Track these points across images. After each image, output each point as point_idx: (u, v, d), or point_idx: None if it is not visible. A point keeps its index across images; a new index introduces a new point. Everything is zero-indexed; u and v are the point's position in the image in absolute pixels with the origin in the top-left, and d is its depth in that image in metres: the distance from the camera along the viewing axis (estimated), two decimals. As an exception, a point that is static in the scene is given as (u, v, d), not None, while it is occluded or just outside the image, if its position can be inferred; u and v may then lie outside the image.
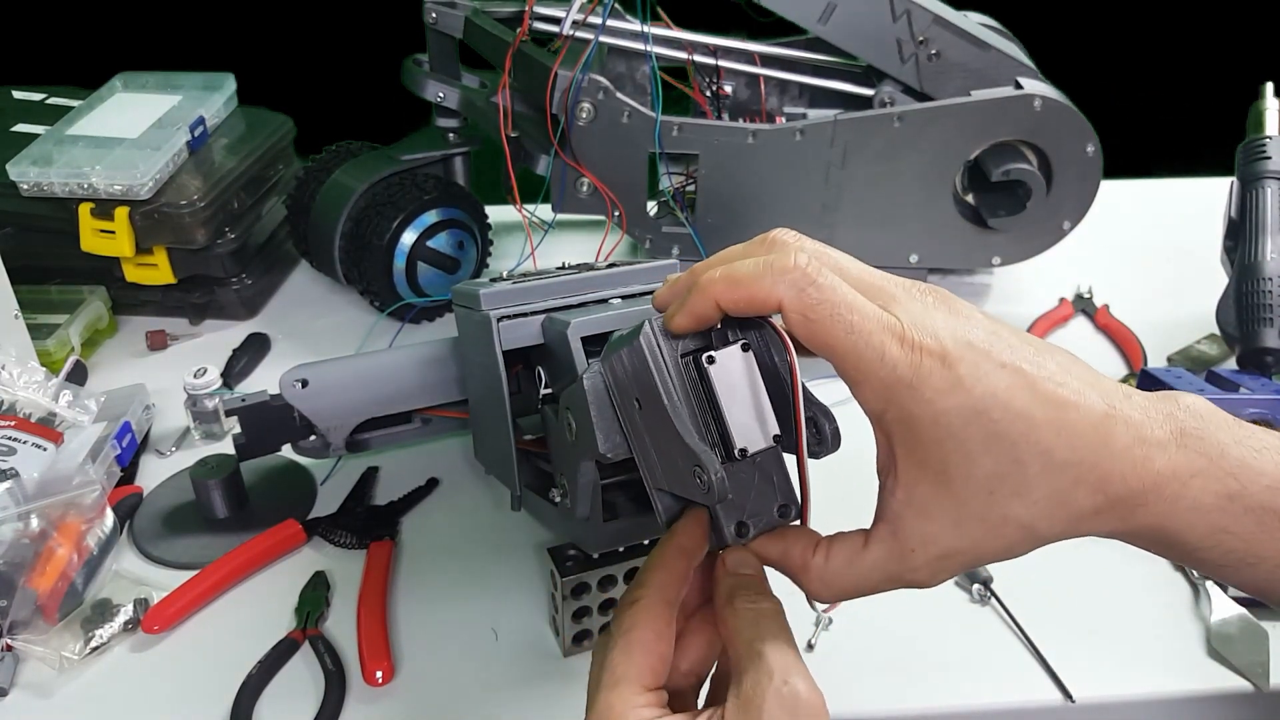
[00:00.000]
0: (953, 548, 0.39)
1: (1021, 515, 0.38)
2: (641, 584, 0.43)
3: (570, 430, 0.51)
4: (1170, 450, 0.37)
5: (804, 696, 0.37)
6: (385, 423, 0.77)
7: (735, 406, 0.43)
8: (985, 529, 0.38)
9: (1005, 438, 0.37)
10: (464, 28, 0.95)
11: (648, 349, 0.42)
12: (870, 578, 0.41)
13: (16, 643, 0.64)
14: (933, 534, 0.39)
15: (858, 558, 0.41)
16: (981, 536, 0.38)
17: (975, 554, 0.39)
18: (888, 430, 0.39)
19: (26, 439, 0.74)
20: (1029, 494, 0.37)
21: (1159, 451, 0.37)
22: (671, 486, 0.44)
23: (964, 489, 0.38)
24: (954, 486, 0.38)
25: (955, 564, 0.39)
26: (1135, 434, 0.37)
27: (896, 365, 0.37)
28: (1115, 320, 1.00)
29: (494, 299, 0.62)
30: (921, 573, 0.40)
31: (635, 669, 0.40)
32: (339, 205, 0.97)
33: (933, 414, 0.37)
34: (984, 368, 0.37)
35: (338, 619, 0.68)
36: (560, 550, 0.64)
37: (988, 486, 0.37)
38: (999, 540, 0.39)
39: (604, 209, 0.91)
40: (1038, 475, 0.37)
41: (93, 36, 1.86)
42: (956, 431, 0.37)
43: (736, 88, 1.02)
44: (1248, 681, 0.63)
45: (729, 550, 0.44)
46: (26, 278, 0.90)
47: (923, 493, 0.39)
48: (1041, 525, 0.38)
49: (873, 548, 0.41)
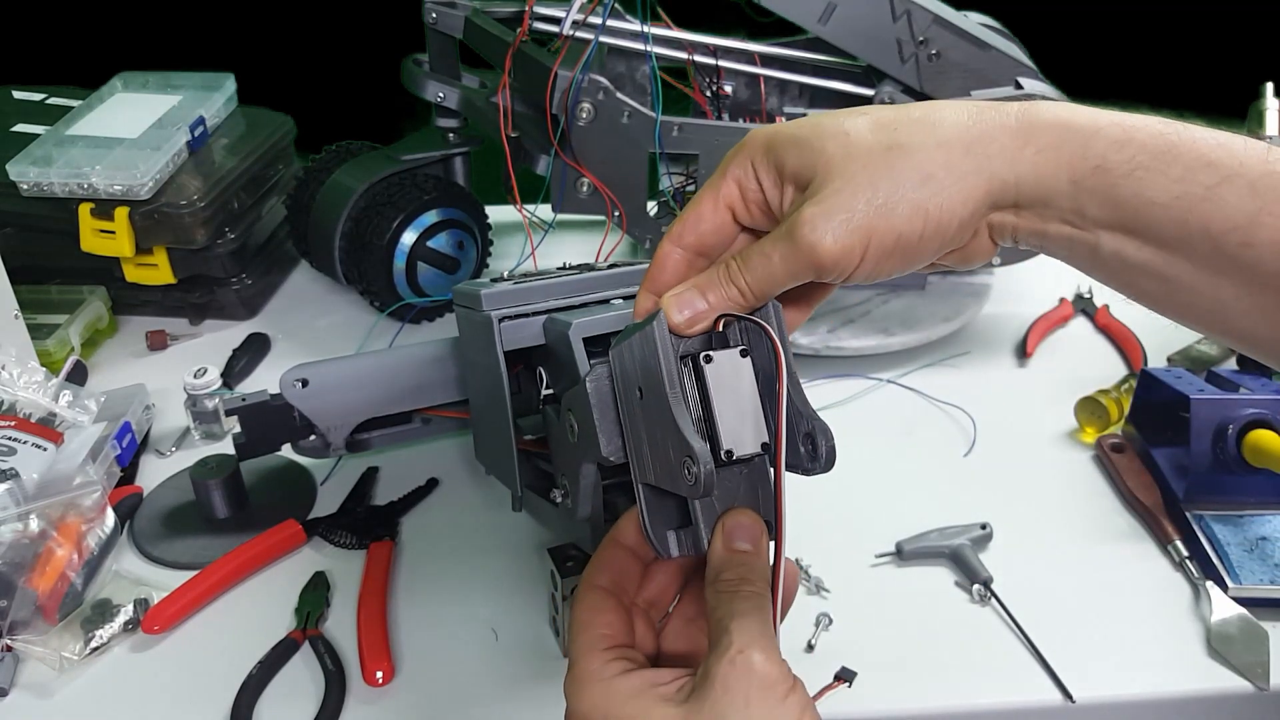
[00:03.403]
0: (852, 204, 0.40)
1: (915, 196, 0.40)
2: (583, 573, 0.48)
3: (572, 431, 0.51)
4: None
5: (758, 667, 0.38)
6: (385, 422, 0.77)
7: (727, 408, 0.43)
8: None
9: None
10: (464, 28, 0.95)
11: (659, 336, 0.42)
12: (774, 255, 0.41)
13: (16, 643, 0.64)
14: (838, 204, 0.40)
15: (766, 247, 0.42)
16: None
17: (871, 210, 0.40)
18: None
19: (26, 439, 0.74)
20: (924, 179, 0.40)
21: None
22: (660, 481, 0.44)
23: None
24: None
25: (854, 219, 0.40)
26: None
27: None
28: (1115, 320, 1.00)
29: (495, 299, 0.62)
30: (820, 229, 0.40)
31: (583, 642, 0.43)
32: (339, 205, 0.97)
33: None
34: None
35: (338, 619, 0.68)
36: (560, 550, 0.64)
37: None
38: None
39: (604, 209, 0.91)
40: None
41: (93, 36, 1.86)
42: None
43: (736, 88, 1.02)
44: (1248, 681, 0.63)
45: (729, 514, 0.44)
46: (26, 278, 0.90)
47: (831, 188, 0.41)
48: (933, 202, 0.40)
49: (777, 237, 0.41)
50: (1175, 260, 0.39)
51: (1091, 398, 0.86)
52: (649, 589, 0.47)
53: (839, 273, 0.41)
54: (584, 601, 0.45)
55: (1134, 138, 0.38)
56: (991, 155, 0.39)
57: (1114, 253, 0.40)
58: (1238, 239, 0.37)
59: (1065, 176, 0.39)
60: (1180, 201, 0.37)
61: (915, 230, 0.40)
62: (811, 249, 0.39)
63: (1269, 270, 0.37)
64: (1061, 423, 0.87)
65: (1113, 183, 0.38)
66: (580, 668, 0.43)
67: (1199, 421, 0.74)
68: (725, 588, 0.42)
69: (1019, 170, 0.39)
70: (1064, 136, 0.39)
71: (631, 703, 0.40)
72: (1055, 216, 0.40)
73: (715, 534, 0.44)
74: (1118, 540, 0.75)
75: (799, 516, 0.54)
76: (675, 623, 0.47)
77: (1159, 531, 0.75)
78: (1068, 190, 0.39)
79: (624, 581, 0.47)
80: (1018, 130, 0.39)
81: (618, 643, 0.44)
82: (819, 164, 0.41)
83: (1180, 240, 0.38)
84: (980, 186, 0.40)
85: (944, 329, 0.96)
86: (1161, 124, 0.39)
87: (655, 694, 0.40)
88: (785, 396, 0.42)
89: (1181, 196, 0.37)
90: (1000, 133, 0.40)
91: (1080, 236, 0.40)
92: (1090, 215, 0.39)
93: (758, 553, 0.43)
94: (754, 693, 0.38)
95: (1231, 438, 0.72)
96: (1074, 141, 0.39)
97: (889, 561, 0.73)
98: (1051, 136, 0.39)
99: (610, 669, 0.42)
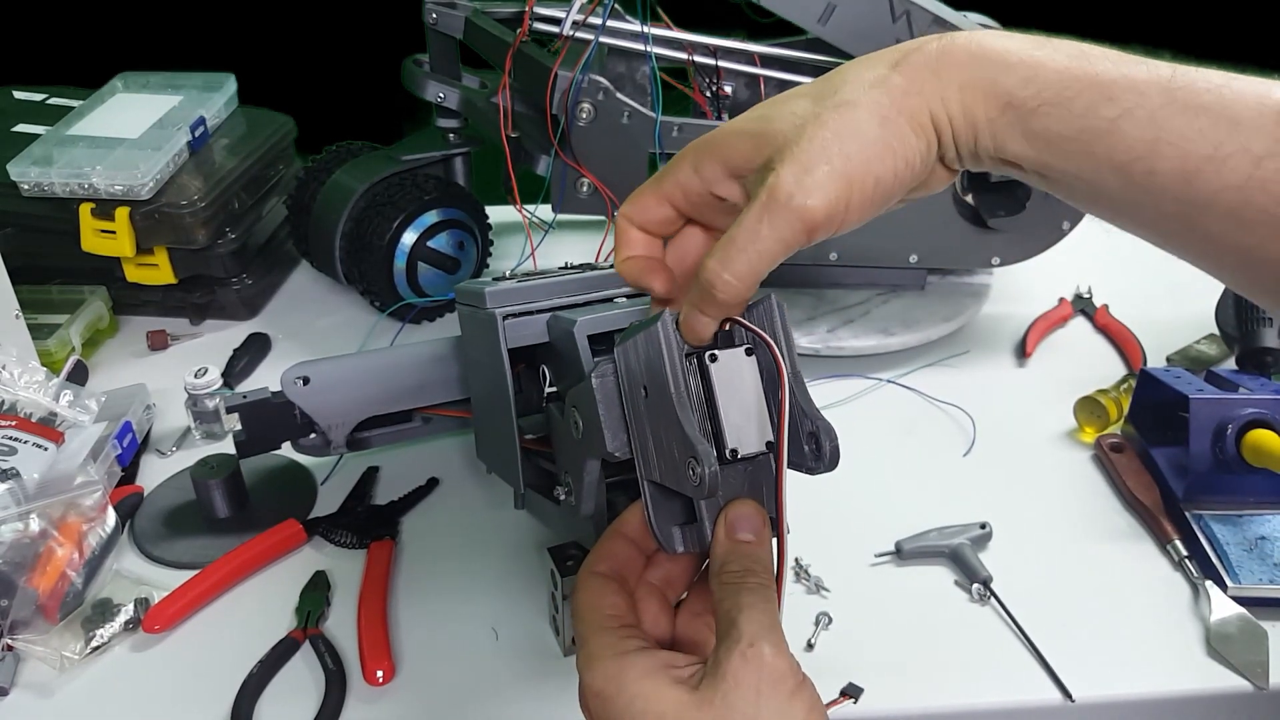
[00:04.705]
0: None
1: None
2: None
3: (577, 429, 0.51)
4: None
5: (769, 661, 0.39)
6: (386, 421, 0.77)
7: (732, 407, 0.43)
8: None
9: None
10: (464, 28, 0.95)
11: (663, 335, 0.42)
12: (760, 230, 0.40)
13: (17, 643, 0.64)
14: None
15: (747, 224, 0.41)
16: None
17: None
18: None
19: (27, 439, 0.74)
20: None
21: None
22: (665, 479, 0.44)
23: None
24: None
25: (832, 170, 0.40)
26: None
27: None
28: (1115, 320, 1.01)
29: (499, 297, 0.62)
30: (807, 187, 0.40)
31: (591, 622, 0.44)
32: (339, 205, 0.97)
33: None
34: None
35: (338, 619, 0.68)
36: (561, 550, 0.64)
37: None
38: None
39: (604, 209, 0.91)
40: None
41: (93, 36, 1.86)
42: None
43: (736, 88, 1.02)
44: (1247, 681, 0.64)
45: (732, 504, 0.44)
46: (27, 278, 0.90)
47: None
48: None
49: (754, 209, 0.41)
50: (1092, 191, 0.40)
51: (1091, 397, 0.86)
52: (660, 571, 0.48)
53: (830, 228, 0.40)
54: (586, 587, 0.46)
55: (1039, 74, 0.39)
56: (925, 93, 0.40)
57: (1039, 180, 0.41)
58: (1142, 168, 0.38)
59: (981, 115, 0.40)
60: (1085, 134, 0.39)
61: (888, 170, 0.40)
62: (802, 208, 0.39)
63: (1173, 196, 0.38)
64: (1061, 422, 0.87)
65: (1023, 118, 0.39)
66: (592, 644, 0.43)
67: (1198, 421, 0.74)
68: (730, 579, 0.42)
69: (949, 108, 0.40)
70: (975, 74, 0.40)
71: (645, 680, 0.40)
72: (984, 155, 0.41)
73: (718, 525, 0.44)
74: (1117, 540, 0.76)
75: (799, 515, 0.55)
76: (682, 616, 0.48)
77: (1158, 531, 0.75)
78: (987, 128, 0.40)
79: (624, 570, 0.47)
80: (938, 68, 0.40)
81: (624, 623, 0.44)
82: (776, 142, 0.41)
83: (1090, 172, 0.39)
84: (929, 125, 0.40)
85: (944, 329, 0.96)
86: (1067, 55, 0.40)
87: (669, 675, 0.40)
88: (788, 397, 0.42)
89: (1085, 130, 0.39)
90: (924, 73, 0.40)
91: (1009, 170, 0.42)
92: (1011, 152, 0.40)
93: (760, 543, 0.43)
94: (765, 686, 0.38)
95: (1231, 437, 0.73)
96: (985, 75, 0.40)
97: (889, 561, 0.73)
98: (966, 74, 0.40)
99: (624, 644, 0.42)
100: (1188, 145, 0.37)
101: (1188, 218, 0.38)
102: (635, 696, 0.40)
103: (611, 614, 0.44)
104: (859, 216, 0.41)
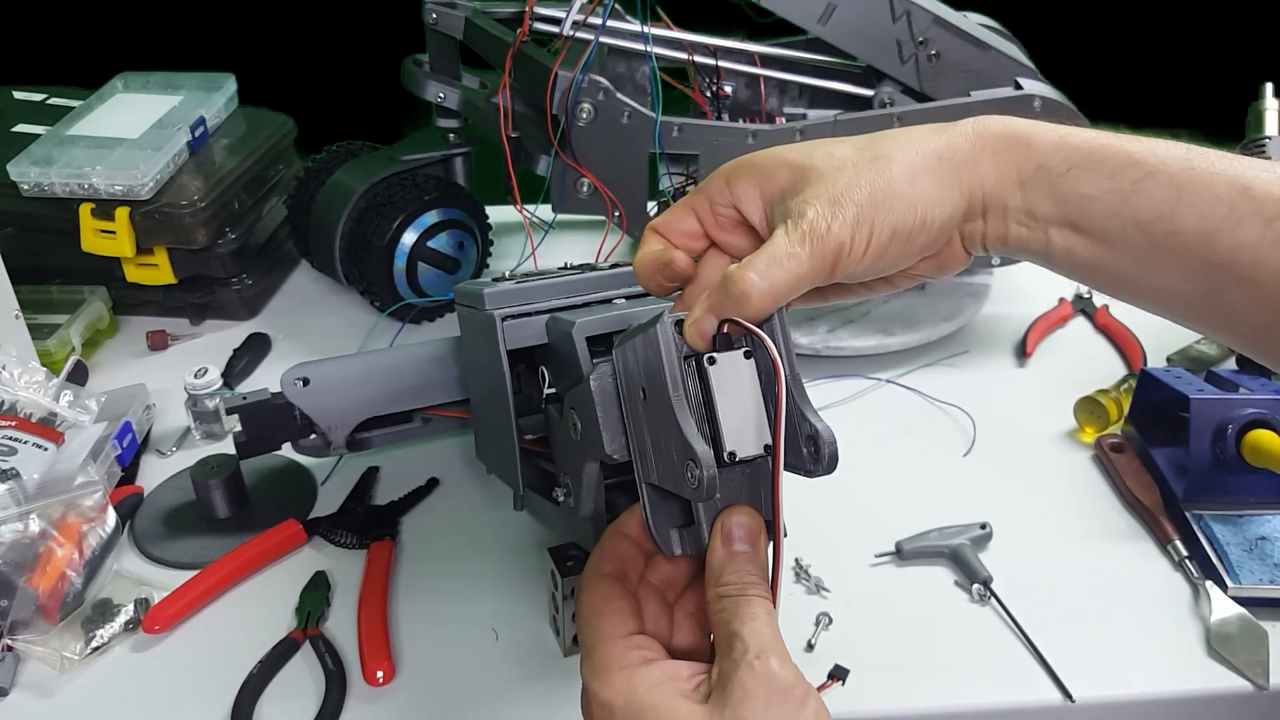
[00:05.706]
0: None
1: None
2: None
3: (575, 430, 0.51)
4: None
5: (776, 673, 0.39)
6: (386, 422, 0.77)
7: (730, 409, 0.43)
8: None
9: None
10: (464, 28, 0.95)
11: (662, 338, 0.42)
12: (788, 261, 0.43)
13: (17, 643, 0.64)
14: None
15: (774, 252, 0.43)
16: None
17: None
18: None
19: (27, 439, 0.74)
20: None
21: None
22: (663, 481, 0.44)
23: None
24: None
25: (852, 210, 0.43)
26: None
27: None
28: (1115, 320, 1.01)
29: (498, 299, 0.62)
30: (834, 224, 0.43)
31: (600, 629, 0.44)
32: (340, 205, 0.97)
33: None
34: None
35: (338, 619, 0.68)
36: (561, 550, 0.64)
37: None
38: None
39: (604, 209, 0.91)
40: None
41: (93, 36, 1.86)
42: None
43: (736, 88, 1.02)
44: (1247, 681, 0.64)
45: (727, 512, 0.44)
46: (27, 278, 0.90)
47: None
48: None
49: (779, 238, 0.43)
50: (1117, 253, 0.43)
51: (1091, 397, 0.86)
52: (660, 570, 0.48)
53: (848, 264, 0.43)
54: (594, 590, 0.46)
55: (1069, 142, 0.44)
56: (959, 163, 0.44)
57: (1065, 250, 0.44)
58: (1164, 227, 0.42)
59: (1014, 178, 0.44)
60: (1112, 195, 0.43)
61: (908, 223, 0.43)
62: (836, 243, 0.42)
63: (1195, 256, 0.42)
64: (1061, 422, 0.87)
65: (1054, 180, 0.43)
66: (600, 654, 0.43)
67: (1198, 421, 0.74)
68: (729, 591, 0.42)
69: (981, 174, 0.44)
70: (1010, 142, 0.44)
71: (654, 693, 0.41)
72: (1013, 219, 0.45)
73: (714, 534, 0.44)
74: (1117, 540, 0.76)
75: (799, 516, 0.55)
76: (677, 615, 0.48)
77: (1158, 531, 0.75)
78: (1018, 191, 0.44)
79: (628, 570, 0.48)
80: (974, 140, 0.45)
81: (632, 630, 0.45)
82: (811, 176, 0.44)
83: (1117, 232, 0.43)
84: (955, 190, 0.44)
85: (943, 329, 0.96)
86: (1093, 133, 0.44)
87: (676, 688, 0.41)
88: (785, 400, 0.42)
89: (1112, 190, 0.43)
90: (961, 141, 0.45)
91: (1035, 237, 0.45)
92: (1040, 213, 0.44)
93: (756, 552, 0.44)
94: (774, 697, 0.39)
95: (1231, 437, 0.73)
96: (1019, 146, 0.44)
97: (889, 561, 0.73)
98: (1001, 143, 0.44)
99: (631, 657, 0.43)
100: (1206, 206, 0.41)
101: (1209, 278, 0.42)
102: (645, 709, 0.41)
103: (619, 619, 0.45)
104: (870, 264, 0.43)
